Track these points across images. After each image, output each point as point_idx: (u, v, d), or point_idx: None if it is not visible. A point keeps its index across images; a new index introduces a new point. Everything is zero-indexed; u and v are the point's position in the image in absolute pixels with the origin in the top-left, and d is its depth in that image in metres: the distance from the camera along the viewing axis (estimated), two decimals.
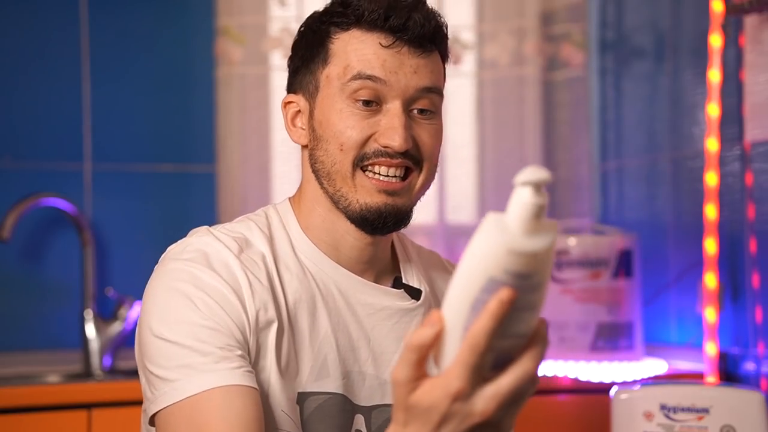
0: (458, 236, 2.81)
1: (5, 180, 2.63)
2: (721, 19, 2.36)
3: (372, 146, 1.35)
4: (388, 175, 1.35)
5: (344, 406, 1.36)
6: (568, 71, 2.85)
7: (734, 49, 2.37)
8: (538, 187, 0.86)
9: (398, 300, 1.42)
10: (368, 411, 1.39)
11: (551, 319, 2.56)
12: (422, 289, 1.45)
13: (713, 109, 2.37)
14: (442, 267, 1.55)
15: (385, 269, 1.45)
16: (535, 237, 0.87)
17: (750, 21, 2.30)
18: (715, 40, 2.38)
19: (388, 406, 1.40)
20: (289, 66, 1.45)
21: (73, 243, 2.63)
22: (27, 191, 2.56)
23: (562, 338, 2.54)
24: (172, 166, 2.76)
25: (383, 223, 1.37)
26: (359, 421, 1.38)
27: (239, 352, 1.28)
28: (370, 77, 1.34)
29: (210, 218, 2.69)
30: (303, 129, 1.42)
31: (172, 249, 1.37)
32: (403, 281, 1.45)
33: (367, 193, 1.36)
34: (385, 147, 1.34)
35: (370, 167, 1.36)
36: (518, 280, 0.88)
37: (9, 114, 2.65)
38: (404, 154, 1.35)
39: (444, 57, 1.42)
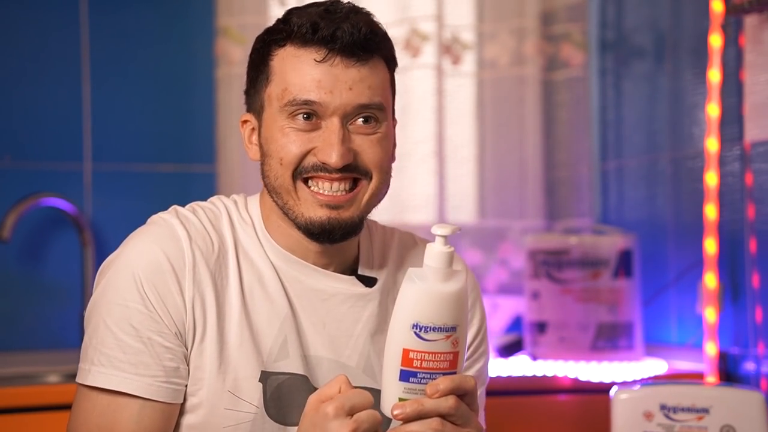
0: (458, 236, 2.81)
1: (5, 180, 2.62)
2: (721, 19, 2.36)
3: (311, 161, 1.39)
4: (331, 190, 1.39)
5: (305, 387, 1.40)
6: (568, 71, 2.85)
7: (734, 49, 2.37)
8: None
9: (351, 285, 1.46)
10: None
11: (551, 319, 2.56)
12: (377, 277, 1.48)
13: (713, 109, 2.37)
14: (413, 245, 1.56)
15: (347, 263, 1.48)
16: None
17: (750, 21, 2.30)
18: (715, 40, 2.38)
19: None
20: (245, 85, 1.49)
21: (73, 243, 2.63)
22: (27, 191, 2.56)
23: (562, 338, 2.54)
24: (172, 166, 2.76)
25: (329, 236, 1.41)
26: None
27: (168, 356, 1.36)
28: (306, 102, 1.37)
29: None
30: (256, 145, 1.46)
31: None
32: (359, 272, 1.48)
33: (309, 206, 1.40)
34: (323, 163, 1.38)
35: (311, 180, 1.39)
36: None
37: (9, 114, 2.65)
38: (345, 169, 1.38)
39: (389, 61, 1.43)
